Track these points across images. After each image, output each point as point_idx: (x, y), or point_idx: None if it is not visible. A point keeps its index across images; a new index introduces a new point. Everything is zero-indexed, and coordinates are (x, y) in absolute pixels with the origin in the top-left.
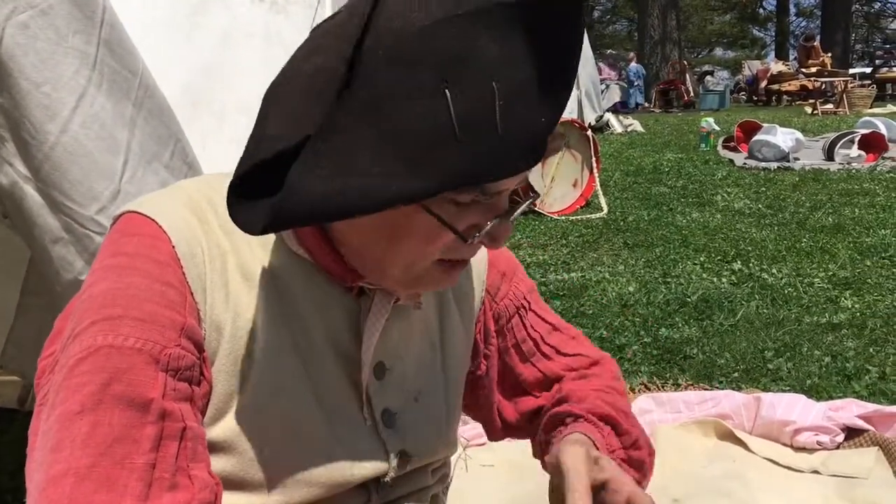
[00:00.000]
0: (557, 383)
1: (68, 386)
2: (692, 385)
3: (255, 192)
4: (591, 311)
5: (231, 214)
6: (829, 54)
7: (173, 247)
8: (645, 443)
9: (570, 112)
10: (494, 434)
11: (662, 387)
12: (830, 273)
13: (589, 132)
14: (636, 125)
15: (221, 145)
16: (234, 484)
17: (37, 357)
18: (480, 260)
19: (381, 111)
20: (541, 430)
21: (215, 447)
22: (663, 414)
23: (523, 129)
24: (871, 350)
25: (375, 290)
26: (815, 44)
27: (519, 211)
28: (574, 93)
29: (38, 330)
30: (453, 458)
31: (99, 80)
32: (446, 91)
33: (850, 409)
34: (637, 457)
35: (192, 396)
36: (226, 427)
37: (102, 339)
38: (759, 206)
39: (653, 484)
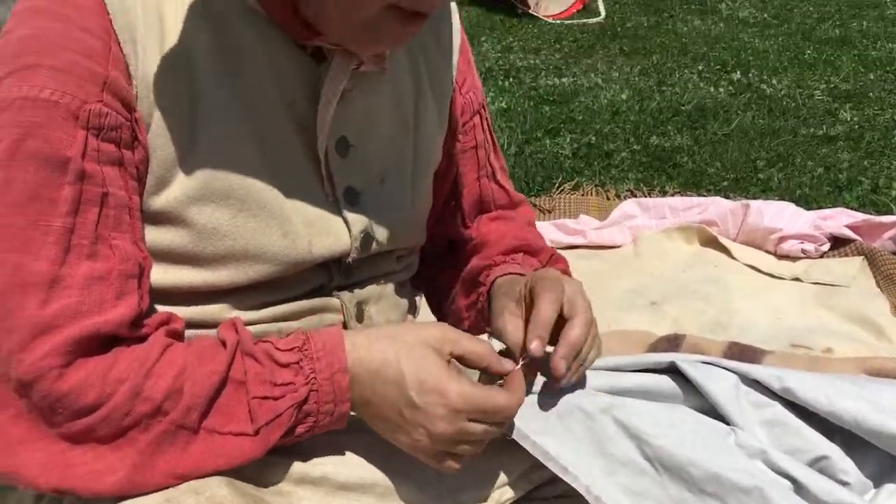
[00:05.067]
0: (477, 220)
1: None
2: (680, 193)
3: None
4: (580, 118)
5: None
6: None
7: None
8: (561, 257)
9: None
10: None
11: (649, 193)
12: (832, 85)
13: None
14: None
15: None
16: (182, 258)
17: None
18: (454, 45)
19: None
20: (460, 294)
21: (159, 218)
22: (647, 220)
23: None
24: (865, 163)
25: (334, 52)
26: None
27: None
28: None
29: None
30: None
31: None
32: None
33: (840, 219)
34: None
35: (121, 160)
36: (170, 197)
37: (17, 90)
38: (765, 15)
39: (631, 287)
